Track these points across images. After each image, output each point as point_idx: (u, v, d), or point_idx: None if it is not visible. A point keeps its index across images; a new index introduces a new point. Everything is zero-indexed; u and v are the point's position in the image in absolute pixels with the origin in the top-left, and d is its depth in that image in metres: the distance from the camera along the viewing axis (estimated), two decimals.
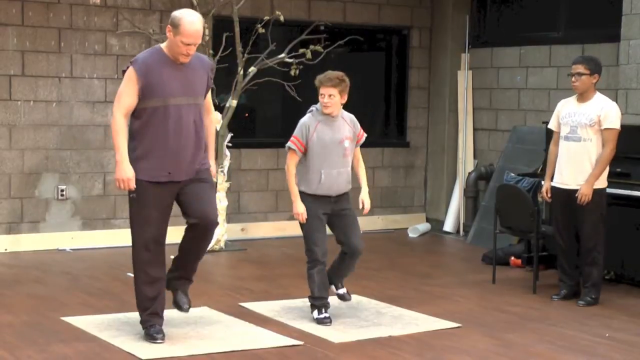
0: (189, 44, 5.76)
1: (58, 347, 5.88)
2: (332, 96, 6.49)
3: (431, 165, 11.34)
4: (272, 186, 10.39)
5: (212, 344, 5.99)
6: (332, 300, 6.76)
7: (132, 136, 5.89)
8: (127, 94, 5.80)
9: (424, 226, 11.11)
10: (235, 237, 9.95)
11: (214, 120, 6.29)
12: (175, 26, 5.77)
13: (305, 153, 6.53)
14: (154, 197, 5.89)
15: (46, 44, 9.17)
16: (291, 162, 6.55)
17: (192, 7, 9.31)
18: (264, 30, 9.38)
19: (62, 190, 9.30)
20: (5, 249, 9.05)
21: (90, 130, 9.43)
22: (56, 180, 9.30)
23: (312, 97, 10.52)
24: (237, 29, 9.21)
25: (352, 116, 6.75)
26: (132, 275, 6.12)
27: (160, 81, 5.79)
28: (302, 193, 6.55)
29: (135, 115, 5.86)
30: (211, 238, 6.16)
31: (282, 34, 10.10)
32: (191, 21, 5.77)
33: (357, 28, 10.71)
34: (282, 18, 9.26)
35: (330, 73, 6.58)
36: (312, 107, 6.65)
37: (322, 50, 9.60)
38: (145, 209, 5.91)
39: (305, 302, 6.84)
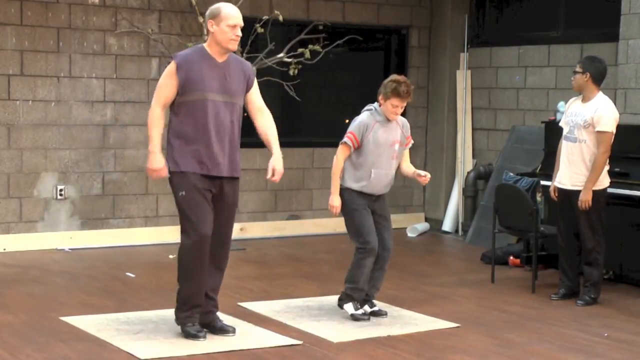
0: (234, 25, 5.88)
1: (57, 346, 5.88)
2: (403, 106, 6.58)
3: (430, 165, 11.34)
4: (271, 186, 10.38)
5: (211, 343, 5.99)
6: (331, 299, 6.76)
7: (174, 131, 5.94)
8: (165, 87, 5.91)
9: (423, 226, 11.11)
10: (234, 236, 9.87)
11: (270, 119, 6.23)
12: (215, 15, 5.90)
13: (356, 150, 6.58)
14: (199, 190, 5.90)
15: (45, 43, 9.16)
16: (342, 155, 6.62)
17: (190, 7, 9.34)
18: (262, 30, 9.38)
19: (60, 190, 9.30)
20: (4, 249, 9.04)
21: (89, 129, 9.42)
22: (55, 179, 9.30)
23: (311, 97, 10.58)
24: None
25: (405, 120, 6.83)
26: (132, 275, 6.11)
27: (199, 76, 5.88)
28: (347, 189, 6.62)
29: (175, 110, 5.94)
30: (226, 259, 6.22)
31: (281, 34, 10.10)
32: (228, 4, 5.96)
33: (356, 27, 10.71)
34: (280, 17, 9.26)
35: (408, 84, 6.57)
36: (371, 106, 6.69)
37: (321, 49, 9.61)
38: (196, 203, 5.90)
39: (305, 302, 6.84)
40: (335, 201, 6.62)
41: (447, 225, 10.98)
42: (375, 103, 6.66)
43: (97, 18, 9.36)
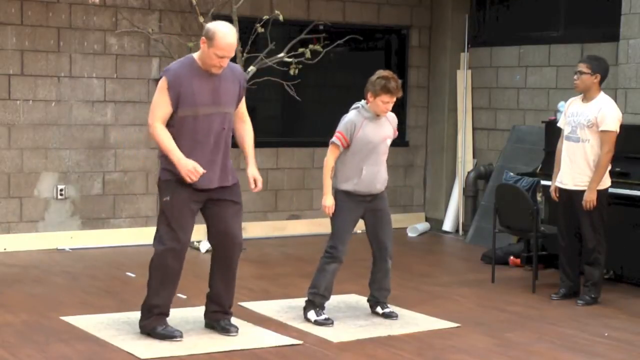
0: (222, 57, 5.81)
1: (57, 346, 5.88)
2: (393, 102, 6.52)
3: (430, 165, 11.34)
4: (272, 185, 10.39)
5: (211, 343, 5.99)
6: (331, 299, 6.76)
7: None
8: (160, 105, 5.85)
9: (423, 226, 11.11)
10: None
11: (250, 129, 6.27)
12: (210, 39, 5.80)
13: (347, 149, 6.52)
14: (186, 199, 5.90)
15: (45, 43, 9.16)
16: (331, 156, 6.56)
17: (191, 6, 9.34)
18: (263, 30, 9.39)
19: (61, 190, 9.30)
20: (5, 249, 9.04)
21: (90, 129, 9.42)
22: (55, 179, 9.30)
23: (311, 96, 10.58)
24: (236, 28, 9.19)
25: (393, 114, 6.75)
26: (132, 275, 6.11)
27: (190, 91, 5.83)
28: (338, 190, 6.56)
29: (169, 124, 5.88)
30: (236, 262, 6.17)
31: (282, 34, 10.10)
32: (225, 34, 5.82)
33: (356, 27, 10.70)
34: (281, 17, 9.26)
35: (396, 79, 6.51)
36: (358, 104, 6.62)
37: (321, 49, 9.61)
38: (179, 211, 5.90)
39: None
40: (328, 201, 6.54)
41: (448, 225, 10.98)
42: (363, 101, 6.59)
43: (97, 18, 9.36)
